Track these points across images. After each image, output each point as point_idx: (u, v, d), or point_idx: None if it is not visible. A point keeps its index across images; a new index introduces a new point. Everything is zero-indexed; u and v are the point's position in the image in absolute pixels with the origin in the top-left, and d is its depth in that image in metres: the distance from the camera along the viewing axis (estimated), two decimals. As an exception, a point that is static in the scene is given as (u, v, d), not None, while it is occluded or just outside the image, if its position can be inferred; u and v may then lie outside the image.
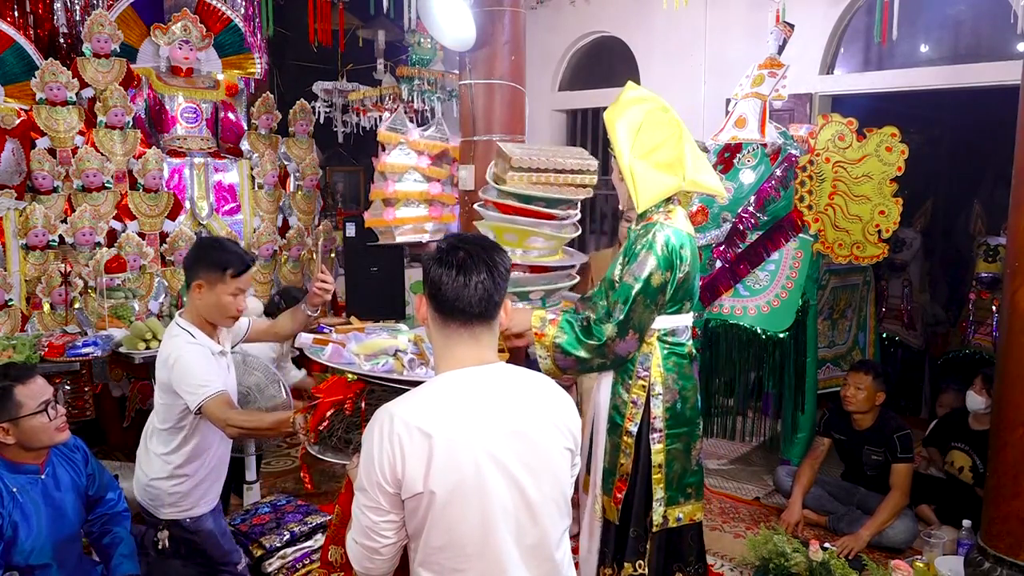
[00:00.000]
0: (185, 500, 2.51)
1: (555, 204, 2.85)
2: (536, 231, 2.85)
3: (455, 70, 4.52)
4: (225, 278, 2.37)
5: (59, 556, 2.28)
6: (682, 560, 2.50)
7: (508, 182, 2.81)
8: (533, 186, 2.80)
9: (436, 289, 1.52)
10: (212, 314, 2.43)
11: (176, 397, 2.37)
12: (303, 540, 3.20)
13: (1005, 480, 2.70)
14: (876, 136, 3.67)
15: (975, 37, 5.38)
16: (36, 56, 4.32)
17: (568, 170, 2.84)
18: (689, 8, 5.04)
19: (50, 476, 2.33)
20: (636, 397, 2.40)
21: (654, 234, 2.33)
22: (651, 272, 2.29)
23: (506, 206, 2.86)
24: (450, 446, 1.44)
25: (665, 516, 2.43)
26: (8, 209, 3.88)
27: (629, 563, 2.43)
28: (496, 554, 1.49)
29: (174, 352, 2.36)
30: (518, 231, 2.84)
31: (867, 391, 3.63)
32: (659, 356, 2.41)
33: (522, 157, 2.78)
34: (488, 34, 3.31)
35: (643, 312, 2.31)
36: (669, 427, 2.42)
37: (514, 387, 1.57)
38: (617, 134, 2.40)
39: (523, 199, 2.82)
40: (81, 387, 3.74)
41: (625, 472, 2.42)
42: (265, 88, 5.28)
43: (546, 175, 2.81)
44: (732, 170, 3.88)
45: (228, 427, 2.32)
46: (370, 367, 2.02)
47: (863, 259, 3.78)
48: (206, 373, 2.34)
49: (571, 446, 1.61)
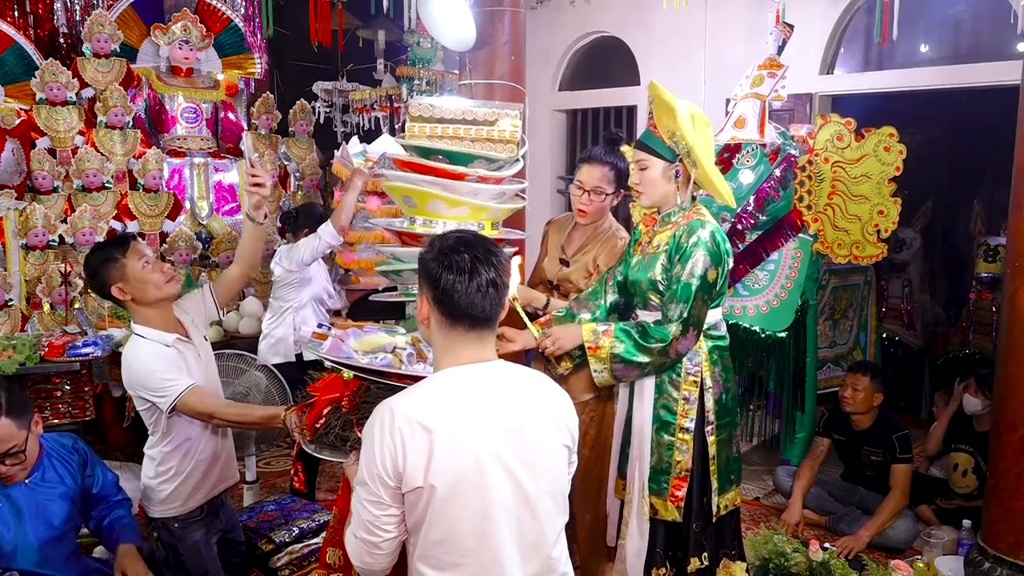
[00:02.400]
0: (171, 497, 2.48)
1: (465, 161, 2.28)
2: (438, 193, 2.28)
3: (455, 70, 4.53)
4: (123, 262, 2.33)
5: (46, 559, 2.27)
6: (726, 546, 2.53)
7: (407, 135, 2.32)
8: (435, 140, 2.29)
9: (447, 296, 1.51)
10: (149, 294, 2.36)
11: (146, 402, 2.35)
12: (311, 536, 3.21)
13: (1005, 480, 2.70)
14: (874, 136, 3.68)
15: (975, 37, 5.38)
16: (36, 56, 4.32)
17: (480, 121, 2.31)
18: (689, 8, 5.04)
19: (36, 481, 2.31)
20: (688, 393, 2.42)
21: (702, 231, 2.34)
22: (706, 268, 2.31)
23: (402, 161, 2.36)
24: (451, 441, 1.45)
25: (717, 505, 2.46)
26: (8, 209, 3.89)
27: (695, 557, 2.44)
28: (494, 549, 1.50)
29: (129, 358, 2.34)
30: (416, 193, 2.30)
31: (865, 392, 3.63)
32: (706, 350, 2.44)
33: (421, 105, 2.32)
34: (488, 34, 3.31)
35: (702, 308, 2.34)
36: (718, 418, 2.45)
37: (513, 384, 1.58)
38: (685, 127, 2.30)
39: (423, 153, 2.30)
40: (81, 387, 3.74)
41: (684, 469, 2.42)
42: (265, 88, 5.28)
43: (453, 127, 2.29)
44: (731, 170, 3.87)
45: (215, 419, 2.29)
46: (368, 361, 2.01)
47: (862, 259, 3.78)
48: (167, 371, 2.30)
49: (568, 443, 1.62)
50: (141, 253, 2.37)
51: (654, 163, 2.42)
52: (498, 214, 2.40)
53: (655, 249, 2.45)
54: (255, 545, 3.11)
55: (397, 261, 2.40)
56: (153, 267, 2.38)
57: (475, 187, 2.29)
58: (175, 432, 2.43)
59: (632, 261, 2.57)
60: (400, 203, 2.40)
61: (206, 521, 2.58)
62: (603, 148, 2.85)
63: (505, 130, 2.32)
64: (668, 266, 2.38)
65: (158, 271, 2.39)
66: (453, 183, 2.27)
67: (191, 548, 2.53)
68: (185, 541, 2.52)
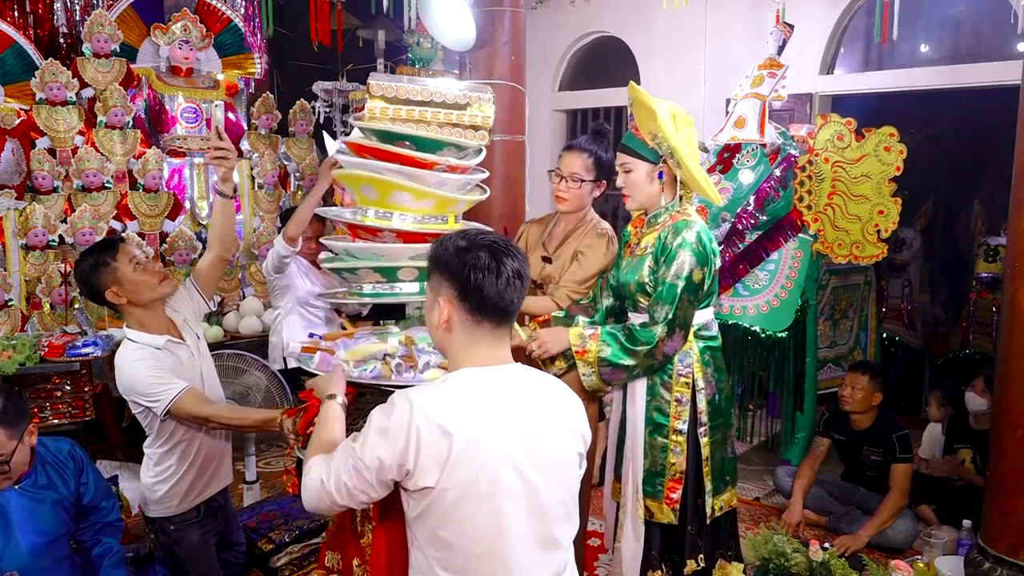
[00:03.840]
0: (167, 497, 2.47)
1: (433, 148, 2.07)
2: (403, 184, 2.04)
3: (455, 70, 4.53)
4: (114, 265, 2.32)
5: (34, 562, 2.26)
6: (723, 547, 2.53)
7: (367, 117, 2.06)
8: (400, 123, 2.04)
9: (476, 292, 1.49)
10: (144, 295, 2.36)
11: (140, 406, 2.35)
12: (311, 536, 3.21)
13: (1005, 480, 2.70)
14: (875, 136, 3.68)
15: (975, 37, 5.39)
16: (36, 56, 4.31)
17: (450, 104, 2.07)
18: (689, 8, 5.04)
19: (29, 485, 2.30)
20: (680, 395, 2.42)
21: (687, 232, 2.34)
22: (692, 269, 2.31)
23: (361, 146, 2.07)
24: (468, 445, 1.43)
25: (712, 507, 2.46)
26: (8, 209, 3.88)
27: (691, 559, 2.45)
28: (504, 555, 1.48)
29: (120, 363, 2.34)
30: (377, 182, 2.05)
31: (864, 391, 3.63)
32: (697, 351, 2.44)
33: (385, 84, 2.05)
34: (488, 34, 3.32)
35: (687, 309, 2.34)
36: (711, 419, 2.45)
37: (531, 390, 1.57)
38: (667, 129, 2.29)
39: (385, 138, 2.05)
40: (81, 387, 3.73)
41: (679, 471, 2.42)
42: (265, 88, 5.27)
43: (420, 109, 2.04)
44: (731, 170, 3.88)
45: (211, 423, 2.29)
46: (358, 373, 1.97)
47: (862, 259, 3.78)
48: (158, 376, 2.28)
49: (581, 450, 1.61)
50: (131, 255, 2.36)
51: (638, 165, 2.42)
52: (463, 207, 2.21)
53: (643, 251, 2.45)
54: (255, 545, 3.11)
55: (350, 257, 2.18)
56: (145, 268, 2.37)
57: (443, 177, 2.07)
58: (170, 433, 2.42)
59: (622, 263, 2.56)
60: (357, 193, 2.14)
61: (203, 523, 2.56)
62: (586, 137, 2.82)
63: (476, 116, 2.10)
64: (655, 267, 2.38)
65: (150, 272, 2.38)
66: (420, 172, 2.05)
67: (188, 550, 2.52)
68: (182, 543, 2.51)
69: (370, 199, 2.09)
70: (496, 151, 3.86)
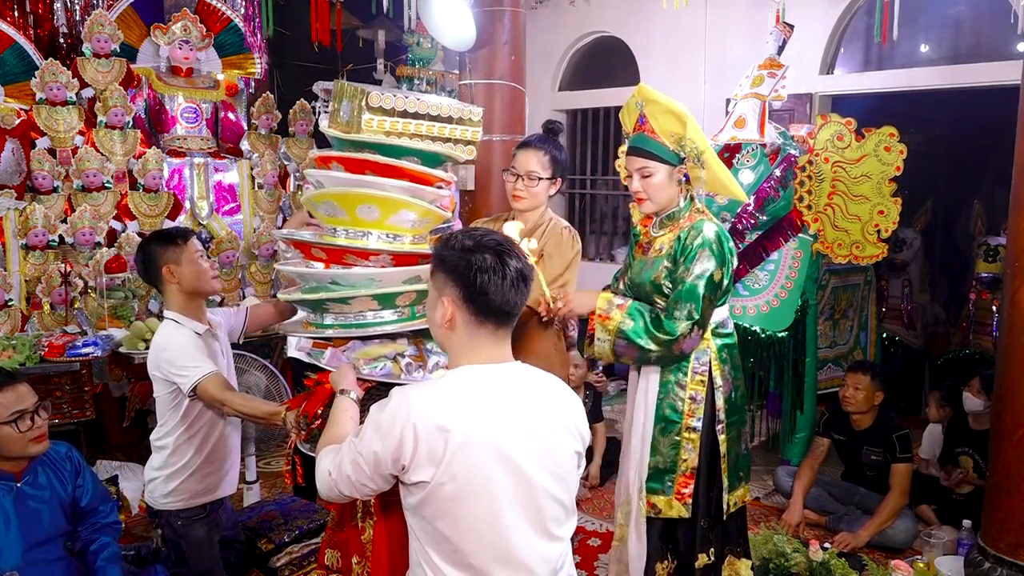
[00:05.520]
0: (178, 491, 2.51)
1: (434, 163, 2.02)
2: (409, 202, 1.94)
3: (455, 70, 4.52)
4: (182, 247, 2.49)
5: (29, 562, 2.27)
6: (732, 543, 2.55)
7: (365, 129, 1.93)
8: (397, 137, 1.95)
9: (481, 294, 1.49)
10: (195, 283, 2.50)
11: (168, 384, 2.43)
12: (310, 536, 3.21)
13: (1005, 480, 2.70)
14: (875, 136, 3.68)
15: (975, 37, 5.38)
16: (36, 56, 4.31)
17: (446, 118, 2.03)
18: (689, 8, 5.04)
19: (28, 484, 2.31)
20: (695, 392, 2.41)
21: (707, 231, 2.34)
22: (712, 269, 2.31)
23: (360, 161, 1.93)
24: (466, 442, 1.44)
25: (727, 503, 2.47)
26: (8, 209, 3.88)
27: (703, 553, 2.46)
28: (500, 550, 1.49)
29: (161, 339, 2.46)
30: (381, 201, 1.91)
31: (865, 391, 3.63)
32: (715, 349, 2.44)
33: (382, 95, 1.94)
34: (488, 34, 3.32)
35: (708, 308, 2.34)
36: (728, 416, 2.45)
37: (530, 388, 1.58)
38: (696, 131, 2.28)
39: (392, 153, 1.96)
40: (81, 387, 3.73)
41: (691, 467, 2.42)
42: (265, 88, 5.27)
43: (416, 123, 1.96)
44: (731, 170, 3.87)
45: (225, 408, 2.37)
46: (368, 371, 1.99)
47: (862, 259, 3.78)
48: (195, 355, 2.40)
49: (580, 449, 1.62)
50: (198, 246, 2.54)
51: (659, 168, 2.38)
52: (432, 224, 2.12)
53: (657, 252, 2.44)
54: (255, 545, 3.11)
55: (336, 286, 1.99)
56: (206, 260, 2.55)
57: (440, 193, 2.02)
58: (192, 420, 2.49)
59: (634, 264, 2.56)
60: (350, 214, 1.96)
61: (209, 519, 2.60)
62: (539, 135, 2.83)
63: (468, 131, 2.09)
64: (672, 268, 2.37)
65: (208, 266, 2.54)
66: (424, 189, 1.97)
67: (195, 545, 2.56)
68: (188, 538, 2.55)
69: (366, 221, 1.96)
70: (496, 151, 3.86)
